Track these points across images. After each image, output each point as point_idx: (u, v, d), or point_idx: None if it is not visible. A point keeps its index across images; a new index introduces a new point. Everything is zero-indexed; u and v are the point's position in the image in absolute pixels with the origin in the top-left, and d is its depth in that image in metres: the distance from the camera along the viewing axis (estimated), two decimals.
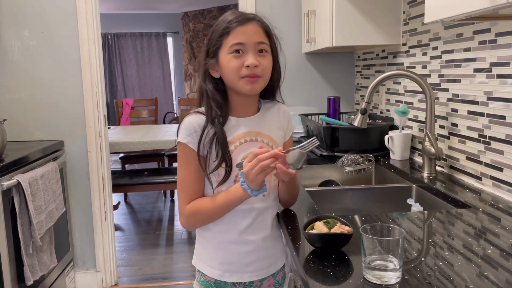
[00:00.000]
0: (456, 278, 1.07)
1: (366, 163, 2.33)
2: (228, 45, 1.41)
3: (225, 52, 1.42)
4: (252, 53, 1.41)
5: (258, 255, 1.53)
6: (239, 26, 1.40)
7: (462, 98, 2.01)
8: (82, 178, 3.52)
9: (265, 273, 1.56)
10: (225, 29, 1.41)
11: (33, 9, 3.32)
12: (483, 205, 1.65)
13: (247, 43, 1.40)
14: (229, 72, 1.42)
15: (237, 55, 1.40)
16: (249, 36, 1.40)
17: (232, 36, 1.40)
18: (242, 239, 1.50)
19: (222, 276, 1.53)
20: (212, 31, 1.46)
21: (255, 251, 1.52)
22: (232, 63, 1.41)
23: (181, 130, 1.45)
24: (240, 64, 1.40)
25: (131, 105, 7.39)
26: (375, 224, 1.12)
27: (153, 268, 3.98)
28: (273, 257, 1.58)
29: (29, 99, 3.39)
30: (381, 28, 2.69)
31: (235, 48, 1.40)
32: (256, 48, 1.42)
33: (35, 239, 2.71)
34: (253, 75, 1.41)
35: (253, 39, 1.41)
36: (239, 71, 1.40)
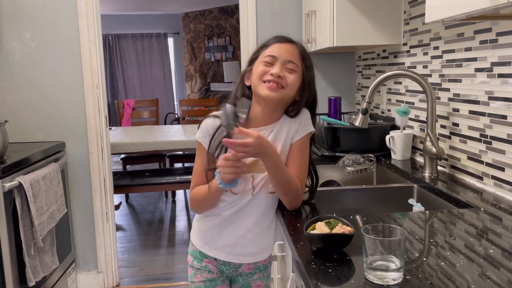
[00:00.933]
0: (458, 278, 1.07)
1: (367, 163, 2.33)
2: (263, 56, 1.62)
3: (259, 61, 1.63)
4: (280, 66, 1.59)
5: (235, 240, 1.73)
6: (277, 43, 1.63)
7: (463, 98, 2.01)
8: (83, 179, 3.53)
9: (240, 260, 1.76)
10: (265, 42, 1.65)
11: (34, 11, 3.32)
12: (485, 205, 1.65)
13: (279, 57, 1.59)
14: (254, 75, 1.62)
15: (267, 64, 1.60)
16: (283, 52, 1.60)
17: (268, 49, 1.62)
18: (223, 222, 1.72)
19: (202, 247, 1.77)
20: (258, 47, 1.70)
21: (232, 236, 1.72)
22: (260, 68, 1.60)
23: (199, 130, 1.67)
24: (266, 71, 1.59)
25: (132, 106, 7.39)
26: (377, 225, 1.13)
27: (154, 268, 3.98)
28: (251, 248, 1.75)
29: (30, 101, 3.40)
30: (382, 28, 2.69)
31: (267, 60, 1.60)
32: (285, 65, 1.60)
33: (37, 240, 2.71)
34: (276, 81, 1.57)
35: (285, 56, 1.60)
36: (263, 76, 1.59)
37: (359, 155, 2.36)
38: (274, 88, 1.57)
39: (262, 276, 1.83)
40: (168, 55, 9.67)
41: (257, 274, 1.81)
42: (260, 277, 1.82)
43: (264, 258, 1.80)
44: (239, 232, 1.71)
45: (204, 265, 1.78)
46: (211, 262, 1.77)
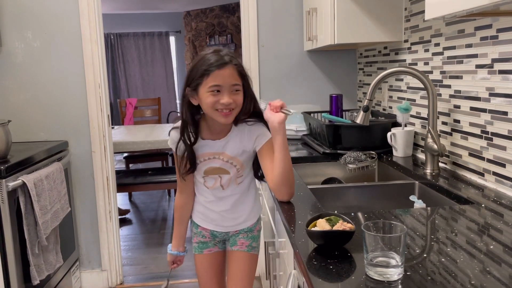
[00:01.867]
0: (459, 274, 1.08)
1: (368, 160, 2.33)
2: (207, 86, 1.73)
3: (204, 90, 1.75)
4: (227, 93, 1.74)
5: (219, 218, 2.06)
6: (217, 70, 1.72)
7: (464, 95, 2.01)
8: (86, 178, 3.54)
9: (226, 229, 2.08)
10: (205, 71, 1.72)
11: (36, 11, 3.33)
12: (486, 201, 1.65)
13: (223, 85, 1.73)
14: (206, 106, 1.77)
15: (214, 93, 1.74)
16: (225, 79, 1.73)
17: (211, 78, 1.72)
18: (207, 206, 2.07)
19: (196, 218, 2.14)
20: (193, 66, 1.79)
21: (216, 215, 2.06)
22: (209, 99, 1.74)
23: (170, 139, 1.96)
24: (216, 101, 1.74)
25: (135, 105, 7.40)
26: (377, 221, 1.13)
27: (158, 266, 3.99)
28: (234, 222, 2.07)
29: (33, 100, 3.41)
30: (383, 25, 2.69)
31: (212, 89, 1.73)
32: (231, 89, 1.75)
33: (41, 239, 2.72)
34: (228, 109, 1.75)
35: (229, 82, 1.74)
36: (214, 105, 1.75)
37: (361, 152, 2.37)
38: (228, 114, 1.77)
39: (246, 236, 2.09)
40: (170, 54, 9.66)
41: (241, 234, 2.09)
42: (244, 237, 2.09)
43: (245, 227, 2.09)
44: (221, 214, 2.05)
45: (199, 231, 2.14)
46: (204, 229, 2.12)
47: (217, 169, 1.96)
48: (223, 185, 1.99)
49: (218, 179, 1.98)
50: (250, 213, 2.09)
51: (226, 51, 1.79)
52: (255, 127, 1.91)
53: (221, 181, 1.99)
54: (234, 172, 1.96)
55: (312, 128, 2.94)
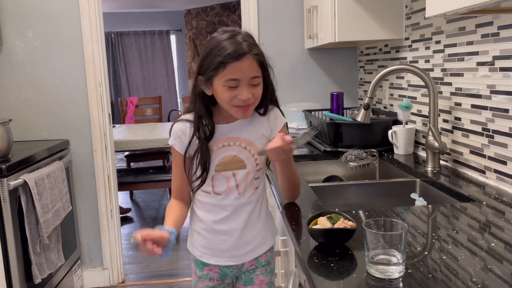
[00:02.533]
0: (460, 272, 1.08)
1: (369, 158, 2.33)
2: (223, 79, 1.48)
3: (219, 83, 1.50)
4: (246, 87, 1.50)
5: (232, 244, 1.68)
6: (235, 61, 1.46)
7: (465, 92, 2.01)
8: (87, 177, 3.54)
9: (241, 260, 1.72)
10: (221, 62, 1.46)
11: (36, 10, 3.33)
12: (487, 199, 1.65)
13: (242, 78, 1.48)
14: (222, 101, 1.53)
15: (231, 88, 1.49)
16: (244, 72, 1.48)
17: (228, 71, 1.47)
18: (215, 229, 1.68)
19: (202, 256, 1.74)
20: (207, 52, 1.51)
21: (228, 241, 1.68)
22: (225, 94, 1.50)
23: (171, 135, 1.65)
24: (233, 96, 1.50)
25: (136, 104, 7.40)
26: (378, 219, 1.13)
27: (159, 265, 3.99)
28: (250, 246, 1.71)
29: (34, 99, 3.41)
30: (384, 22, 2.69)
31: (230, 84, 1.48)
32: (250, 82, 1.50)
33: (42, 237, 2.72)
34: (246, 105, 1.53)
35: (248, 75, 1.49)
36: (232, 101, 1.51)
37: (362, 150, 2.36)
38: (246, 109, 1.54)
39: (264, 271, 1.76)
40: (170, 52, 9.65)
41: (259, 269, 1.76)
42: (262, 272, 1.76)
43: (264, 251, 1.75)
44: (234, 235, 1.68)
45: (205, 273, 1.76)
46: (213, 268, 1.75)
47: (233, 161, 1.63)
48: (239, 184, 1.64)
49: (232, 178, 1.64)
50: (267, 232, 1.76)
51: (243, 35, 1.53)
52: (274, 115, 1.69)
53: (236, 179, 1.64)
54: (252, 166, 1.64)
55: (313, 126, 2.94)
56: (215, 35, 1.54)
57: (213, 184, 1.65)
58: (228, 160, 1.62)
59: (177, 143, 1.63)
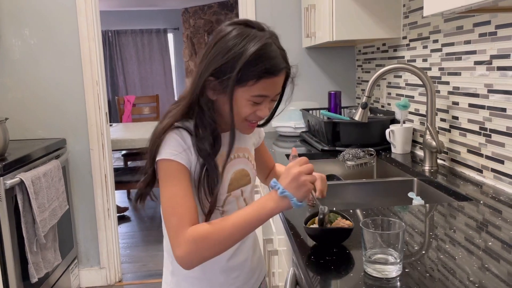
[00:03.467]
0: (457, 271, 1.07)
1: (367, 157, 2.33)
2: (251, 93, 1.23)
3: (244, 96, 1.24)
4: (268, 103, 1.29)
5: (244, 278, 1.45)
6: (271, 77, 1.24)
7: (462, 91, 2.01)
8: (84, 176, 3.53)
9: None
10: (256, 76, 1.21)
11: (33, 8, 3.32)
12: (485, 198, 1.65)
13: (270, 95, 1.27)
14: (238, 115, 1.27)
15: (255, 104, 1.26)
16: (276, 89, 1.29)
17: (260, 86, 1.23)
18: (229, 267, 1.40)
19: None
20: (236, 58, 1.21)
21: (241, 275, 1.44)
22: (246, 108, 1.26)
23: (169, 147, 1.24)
24: (253, 112, 1.27)
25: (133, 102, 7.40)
26: (375, 218, 1.13)
27: (157, 264, 3.99)
28: (256, 274, 1.52)
29: (30, 98, 3.40)
30: (381, 21, 2.69)
31: (256, 100, 1.25)
32: (273, 98, 1.30)
33: (39, 237, 2.72)
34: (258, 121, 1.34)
35: (276, 92, 1.29)
36: (248, 117, 1.28)
37: (359, 149, 2.36)
38: (255, 126, 1.35)
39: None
40: (168, 51, 9.64)
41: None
42: None
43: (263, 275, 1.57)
44: (246, 267, 1.45)
45: None
46: None
47: (241, 176, 1.39)
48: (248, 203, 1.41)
49: (241, 197, 1.40)
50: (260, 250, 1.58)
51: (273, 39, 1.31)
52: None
53: (245, 199, 1.42)
54: (254, 179, 1.46)
55: (311, 125, 2.94)
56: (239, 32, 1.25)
57: (224, 209, 1.36)
58: (237, 175, 1.38)
59: (183, 156, 1.24)
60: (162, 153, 1.24)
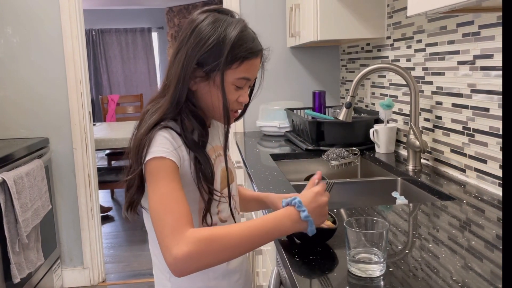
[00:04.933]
0: (441, 270, 1.08)
1: (351, 157, 2.34)
2: (235, 76, 1.23)
3: (228, 80, 1.23)
4: (247, 88, 1.30)
5: (244, 280, 1.41)
6: (254, 58, 1.25)
7: (446, 91, 2.02)
8: (68, 175, 3.51)
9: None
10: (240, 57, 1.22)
11: (16, 6, 3.29)
12: (468, 197, 1.66)
13: (251, 79, 1.28)
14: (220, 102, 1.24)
15: (238, 88, 1.26)
16: (255, 72, 1.29)
17: (243, 68, 1.23)
18: (229, 270, 1.35)
19: None
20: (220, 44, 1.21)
21: (242, 277, 1.40)
22: (231, 94, 1.25)
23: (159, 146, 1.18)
24: (236, 98, 1.27)
25: (117, 102, 7.36)
26: (359, 217, 1.13)
27: (140, 264, 3.97)
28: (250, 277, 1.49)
29: (13, 97, 3.37)
30: (366, 21, 2.69)
31: (240, 84, 1.25)
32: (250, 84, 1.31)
33: (21, 237, 2.69)
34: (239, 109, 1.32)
35: (255, 75, 1.30)
36: (232, 104, 1.26)
37: (343, 149, 2.37)
38: (236, 115, 1.33)
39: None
40: (152, 50, 9.61)
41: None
42: None
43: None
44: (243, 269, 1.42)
45: None
46: None
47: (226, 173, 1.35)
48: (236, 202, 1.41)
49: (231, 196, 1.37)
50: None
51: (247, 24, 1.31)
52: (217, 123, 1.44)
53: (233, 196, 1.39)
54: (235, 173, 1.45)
55: (295, 125, 2.94)
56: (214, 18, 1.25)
57: (219, 209, 1.32)
58: (223, 173, 1.34)
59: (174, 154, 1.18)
60: (153, 152, 1.17)
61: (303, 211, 1.11)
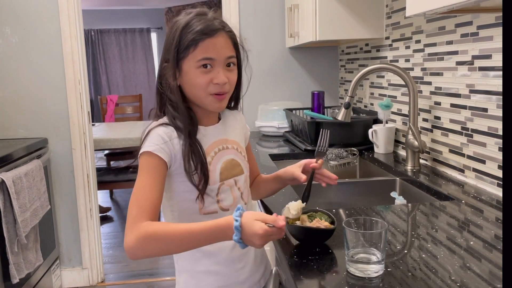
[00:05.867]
0: (439, 270, 1.08)
1: (350, 157, 2.34)
2: (195, 59, 1.29)
3: (191, 66, 1.31)
4: (222, 68, 1.32)
5: (250, 270, 1.44)
6: (208, 37, 1.29)
7: (444, 91, 2.02)
8: (66, 176, 3.50)
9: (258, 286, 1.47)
10: (192, 40, 1.28)
11: (14, 6, 3.29)
12: (466, 197, 1.66)
13: (216, 58, 1.30)
14: (196, 88, 1.32)
15: (205, 70, 1.30)
16: (219, 50, 1.31)
17: (200, 50, 1.29)
18: (232, 257, 1.40)
19: None
20: (173, 36, 1.32)
21: (247, 266, 1.43)
22: (200, 79, 1.30)
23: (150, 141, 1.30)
24: (208, 80, 1.30)
25: (116, 102, 7.35)
26: (358, 218, 1.13)
27: (139, 264, 3.97)
28: (262, 267, 1.50)
29: (12, 97, 3.37)
30: (364, 22, 2.70)
31: (203, 63, 1.30)
32: (225, 63, 1.33)
33: (20, 237, 2.69)
34: (222, 92, 1.33)
35: (223, 54, 1.32)
36: (207, 88, 1.31)
37: (342, 149, 2.37)
38: (222, 98, 1.34)
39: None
40: (151, 51, 9.60)
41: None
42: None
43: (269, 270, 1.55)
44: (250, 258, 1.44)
45: None
46: None
47: (232, 165, 1.42)
48: (243, 193, 1.45)
49: (234, 186, 1.42)
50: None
51: (212, 14, 1.37)
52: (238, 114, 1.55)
53: (239, 188, 1.44)
54: (247, 170, 1.48)
55: (294, 125, 2.94)
56: (179, 18, 1.36)
57: (218, 198, 1.38)
58: (227, 165, 1.41)
59: (162, 150, 1.29)
60: (144, 147, 1.30)
61: (236, 235, 1.12)
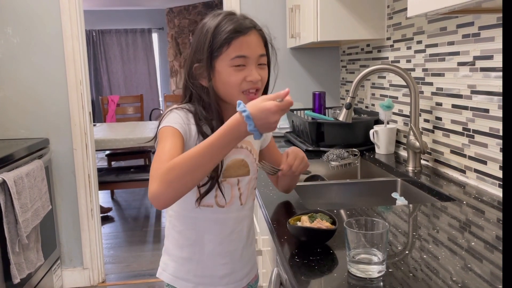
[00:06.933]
0: (441, 271, 1.08)
1: (351, 158, 2.34)
2: (229, 57, 1.31)
3: (224, 64, 1.32)
4: (255, 67, 1.34)
5: (233, 267, 1.48)
6: (241, 35, 1.31)
7: (446, 92, 2.02)
8: (68, 176, 3.50)
9: (239, 285, 1.51)
10: (225, 39, 1.30)
11: (16, 6, 3.29)
12: (468, 198, 1.66)
13: (250, 56, 1.32)
14: (230, 86, 1.33)
15: (238, 68, 1.32)
16: (252, 48, 1.33)
17: (233, 48, 1.30)
18: (216, 251, 1.44)
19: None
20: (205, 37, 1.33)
21: (230, 263, 1.47)
22: (233, 77, 1.32)
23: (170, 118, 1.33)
24: (242, 78, 1.32)
25: (117, 102, 7.36)
26: (359, 218, 1.13)
27: (140, 264, 3.97)
28: (248, 267, 1.53)
29: (13, 97, 3.37)
30: (366, 22, 2.69)
31: (237, 62, 1.31)
32: (258, 61, 1.35)
33: (21, 237, 2.69)
34: (255, 88, 1.35)
35: (256, 52, 1.34)
36: (241, 85, 1.32)
37: (343, 150, 2.37)
38: (254, 97, 1.33)
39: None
40: (152, 51, 9.62)
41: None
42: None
43: (255, 272, 1.60)
44: (236, 256, 1.48)
45: None
46: None
47: (240, 165, 1.43)
48: (242, 194, 1.46)
49: (236, 186, 1.44)
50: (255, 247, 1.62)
51: (240, 14, 1.38)
52: None
53: (240, 188, 1.45)
54: (254, 172, 1.49)
55: (295, 126, 2.94)
56: (206, 20, 1.37)
57: (216, 194, 1.40)
58: (235, 164, 1.42)
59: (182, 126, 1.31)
60: (164, 123, 1.32)
61: (250, 125, 1.12)
